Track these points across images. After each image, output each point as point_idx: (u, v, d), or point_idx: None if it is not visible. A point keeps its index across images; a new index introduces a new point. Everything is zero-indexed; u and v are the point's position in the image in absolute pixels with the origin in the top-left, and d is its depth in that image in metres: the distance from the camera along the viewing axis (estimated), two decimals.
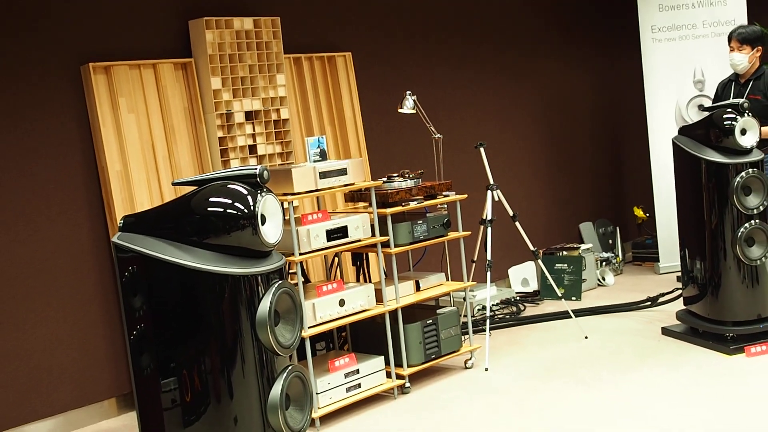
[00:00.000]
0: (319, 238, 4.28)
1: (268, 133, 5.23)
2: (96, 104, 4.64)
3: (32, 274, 4.51)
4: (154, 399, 2.71)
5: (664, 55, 6.89)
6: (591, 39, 7.63)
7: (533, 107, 7.14)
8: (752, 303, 4.77)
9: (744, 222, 4.70)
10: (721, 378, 4.34)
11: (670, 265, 6.94)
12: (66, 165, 4.64)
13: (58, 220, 4.61)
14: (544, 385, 4.53)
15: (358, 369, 4.45)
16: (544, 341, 5.40)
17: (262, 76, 5.19)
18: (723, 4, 6.81)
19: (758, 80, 5.36)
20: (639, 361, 4.78)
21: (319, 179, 4.33)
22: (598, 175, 7.69)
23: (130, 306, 2.70)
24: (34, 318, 4.51)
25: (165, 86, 4.92)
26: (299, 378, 2.78)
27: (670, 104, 6.80)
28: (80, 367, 4.67)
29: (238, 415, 2.64)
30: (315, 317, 4.24)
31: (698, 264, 4.94)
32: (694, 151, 4.85)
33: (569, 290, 6.45)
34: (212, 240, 2.68)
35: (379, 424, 4.21)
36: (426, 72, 6.34)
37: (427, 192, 4.84)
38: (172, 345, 2.66)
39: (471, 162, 6.09)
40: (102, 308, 4.75)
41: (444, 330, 4.78)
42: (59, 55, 4.63)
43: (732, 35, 5.37)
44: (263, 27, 5.18)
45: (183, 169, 4.95)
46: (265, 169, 2.78)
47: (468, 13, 6.64)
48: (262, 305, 2.66)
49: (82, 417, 4.67)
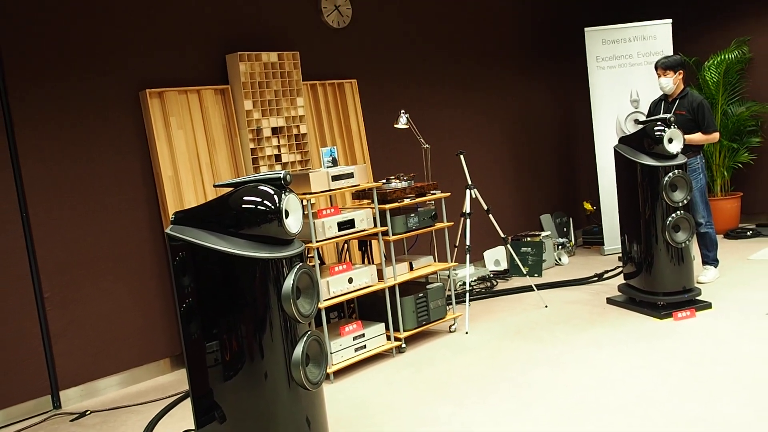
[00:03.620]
0: (332, 229, 4.28)
1: (290, 145, 5.22)
2: (152, 122, 4.63)
3: (103, 257, 4.52)
4: (200, 358, 2.71)
5: (606, 79, 6.89)
6: (550, 65, 7.62)
7: (503, 121, 7.14)
8: (678, 277, 4.78)
9: (671, 213, 4.71)
10: (654, 337, 4.35)
11: (612, 248, 6.95)
12: (128, 170, 4.64)
13: (123, 215, 4.61)
14: (512, 344, 4.54)
15: (364, 333, 4.46)
16: (512, 310, 5.40)
17: (285, 99, 5.18)
18: (653, 39, 6.82)
19: (683, 99, 5.36)
20: (588, 324, 4.79)
21: (331, 181, 4.33)
22: (554, 175, 7.69)
23: (181, 284, 2.70)
24: (104, 293, 4.52)
25: (207, 107, 4.92)
26: (316, 341, 2.78)
27: (611, 119, 6.79)
28: (141, 333, 4.68)
29: (268, 371, 2.64)
30: (329, 292, 4.24)
31: (635, 247, 4.94)
32: (632, 156, 4.85)
33: (532, 268, 6.46)
34: (246, 231, 2.68)
35: (381, 377, 4.22)
36: (416, 95, 6.33)
37: (418, 191, 4.84)
38: (214, 315, 2.66)
39: (453, 167, 6.09)
40: (158, 285, 4.76)
41: (432, 301, 4.79)
42: (124, 84, 4.62)
43: (658, 64, 5.37)
44: (286, 60, 5.18)
45: (222, 174, 4.94)
46: (288, 174, 2.77)
47: (450, 47, 6.63)
48: (286, 283, 2.66)
49: (143, 373, 4.69)
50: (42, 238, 4.29)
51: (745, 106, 7.30)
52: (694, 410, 3.25)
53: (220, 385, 2.68)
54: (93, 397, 4.45)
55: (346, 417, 3.66)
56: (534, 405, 3.53)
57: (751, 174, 7.53)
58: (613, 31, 6.86)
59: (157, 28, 4.77)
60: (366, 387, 4.08)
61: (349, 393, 4.01)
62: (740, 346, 4.04)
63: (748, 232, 7.02)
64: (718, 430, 3.03)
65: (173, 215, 2.79)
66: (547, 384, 3.79)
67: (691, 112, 5.28)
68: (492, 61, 7.03)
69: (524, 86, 7.37)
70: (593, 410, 3.38)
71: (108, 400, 4.39)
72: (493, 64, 7.04)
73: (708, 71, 7.25)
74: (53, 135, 4.35)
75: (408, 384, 4.05)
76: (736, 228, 7.21)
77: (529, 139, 7.41)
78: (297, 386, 2.68)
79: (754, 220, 7.56)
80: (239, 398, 2.65)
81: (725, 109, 7.31)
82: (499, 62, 7.10)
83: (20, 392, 4.20)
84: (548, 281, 6.13)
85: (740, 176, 7.55)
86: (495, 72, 7.06)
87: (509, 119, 7.20)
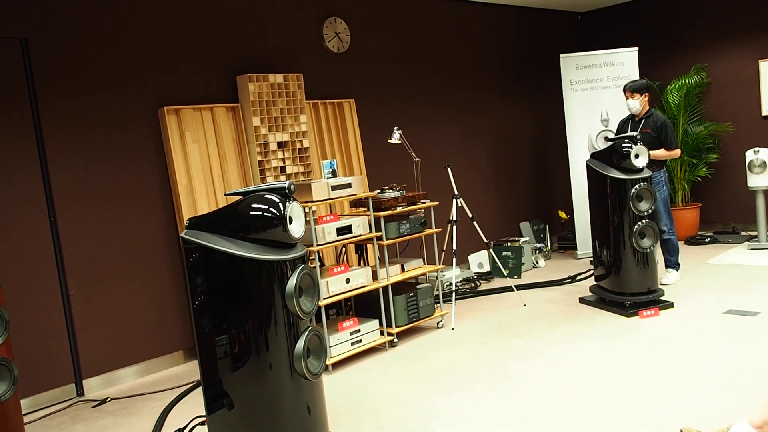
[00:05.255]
0: (331, 234, 4.27)
1: (294, 158, 5.21)
2: (169, 136, 4.62)
3: (123, 258, 4.49)
4: (211, 351, 2.70)
5: (579, 100, 6.90)
6: (529, 88, 7.64)
7: (486, 138, 7.14)
8: (644, 279, 4.78)
9: (637, 221, 4.71)
10: (622, 333, 4.35)
11: (585, 252, 6.95)
12: (147, 180, 4.62)
13: (142, 219, 4.59)
14: (493, 339, 4.53)
15: (360, 329, 4.44)
16: (494, 308, 5.39)
17: (289, 116, 5.17)
18: (622, 65, 6.84)
19: (648, 118, 5.37)
20: (562, 322, 4.78)
21: (331, 191, 4.32)
22: (532, 187, 7.70)
23: (194, 283, 2.69)
24: (124, 291, 4.49)
25: (219, 123, 4.90)
26: (317, 335, 2.77)
27: (583, 136, 6.81)
28: (157, 327, 4.65)
29: (273, 363, 2.62)
30: (328, 291, 4.23)
31: (605, 251, 4.94)
32: (602, 170, 4.86)
33: (512, 271, 6.46)
34: (253, 235, 2.67)
35: (375, 369, 4.20)
36: (408, 113, 6.33)
37: (409, 200, 4.83)
38: (224, 311, 2.65)
39: (441, 178, 6.09)
40: (173, 284, 4.73)
41: (422, 300, 4.77)
42: (144, 101, 4.61)
43: (625, 87, 5.39)
44: (291, 81, 5.17)
45: (232, 183, 4.93)
46: (292, 184, 2.76)
47: (438, 71, 6.64)
48: (290, 282, 2.65)
49: (158, 364, 4.65)
50: (68, 240, 4.26)
51: (703, 125, 7.33)
52: (660, 399, 3.25)
53: (229, 375, 2.66)
54: (113, 386, 4.42)
55: (343, 405, 3.64)
56: (514, 394, 3.52)
57: (708, 186, 7.57)
58: (586, 57, 6.89)
59: (175, 52, 4.76)
60: (362, 377, 4.06)
61: (347, 383, 3.99)
62: (700, 341, 4.04)
63: (706, 238, 7.04)
64: (681, 416, 3.03)
65: (187, 221, 2.77)
66: (525, 375, 3.78)
67: (656, 131, 5.30)
68: (476, 84, 7.04)
69: (505, 107, 7.38)
70: (567, 399, 3.38)
71: (126, 388, 4.36)
72: (478, 87, 7.06)
73: (670, 94, 7.28)
74: (80, 146, 4.33)
75: (400, 375, 4.03)
76: (695, 235, 7.23)
77: (510, 154, 7.42)
78: (299, 377, 2.67)
79: (711, 228, 7.59)
80: (246, 387, 2.64)
81: (686, 128, 7.34)
82: (482, 85, 7.11)
83: (47, 381, 4.17)
84: (527, 282, 6.13)
85: (699, 188, 7.58)
86: (479, 94, 7.07)
87: (492, 136, 7.21)
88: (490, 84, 7.20)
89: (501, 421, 3.22)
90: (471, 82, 6.98)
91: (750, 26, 7.15)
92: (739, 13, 7.21)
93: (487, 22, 7.16)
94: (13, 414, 3.06)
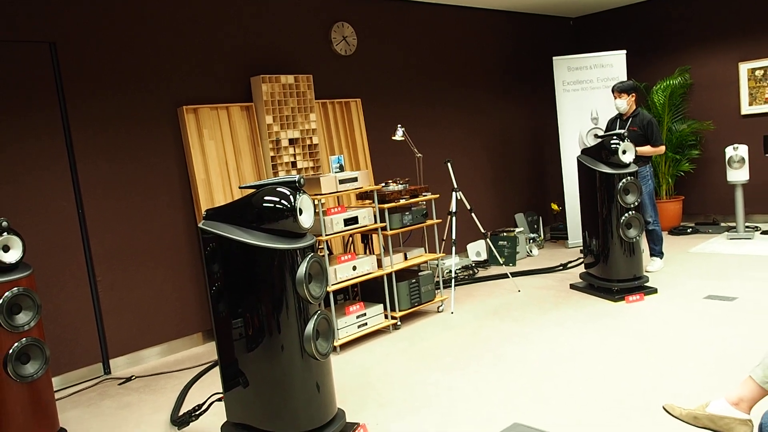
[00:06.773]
0: (339, 224, 4.26)
1: (304, 153, 5.20)
2: (187, 133, 4.61)
3: (146, 249, 4.49)
4: (228, 333, 2.70)
5: (570, 100, 6.86)
6: (524, 88, 7.60)
7: (484, 135, 7.11)
8: (630, 267, 4.76)
9: (624, 213, 4.69)
10: (609, 317, 4.33)
11: (575, 242, 6.93)
12: (167, 174, 4.62)
13: (163, 211, 4.58)
14: (490, 322, 4.52)
15: (365, 313, 4.44)
16: (491, 293, 5.39)
17: (300, 115, 5.15)
18: (610, 67, 6.80)
19: (635, 117, 5.34)
20: (554, 306, 4.77)
21: (338, 184, 4.31)
22: (527, 181, 7.67)
23: (211, 270, 2.69)
24: (147, 277, 4.50)
25: (234, 122, 4.89)
26: (325, 319, 2.76)
27: (575, 133, 6.77)
28: (178, 311, 4.66)
29: (284, 344, 2.62)
30: (336, 278, 4.22)
31: (594, 241, 4.92)
32: (592, 165, 4.83)
33: (508, 259, 6.44)
34: (266, 225, 2.66)
35: (380, 350, 4.20)
36: (411, 112, 6.31)
37: (412, 193, 4.82)
38: (239, 296, 2.64)
39: (441, 173, 6.08)
40: (192, 271, 4.74)
41: (423, 286, 4.77)
42: (163, 101, 4.60)
43: (614, 88, 5.35)
44: (301, 82, 5.15)
45: (246, 177, 4.92)
46: (302, 178, 2.75)
47: (440, 72, 6.61)
48: (300, 270, 2.64)
49: (179, 344, 4.67)
50: (95, 230, 4.27)
51: (686, 123, 7.28)
52: (644, 378, 3.24)
53: (244, 355, 2.67)
54: (137, 365, 4.43)
55: (350, 383, 3.64)
56: (509, 373, 3.51)
57: (691, 181, 7.53)
58: (577, 59, 6.84)
59: (193, 55, 4.74)
60: (367, 358, 4.06)
61: (353, 363, 3.99)
62: (682, 324, 4.03)
63: (688, 229, 7.01)
64: (663, 394, 3.02)
65: (205, 212, 2.77)
66: (519, 356, 3.77)
67: (642, 129, 5.26)
68: (475, 85, 7.01)
69: (502, 106, 7.34)
70: (559, 378, 3.37)
71: (150, 367, 4.37)
72: (476, 87, 7.02)
73: (656, 94, 7.23)
74: (105, 142, 4.32)
75: (403, 355, 4.03)
76: (678, 226, 7.20)
77: (506, 150, 7.38)
78: (309, 357, 2.66)
79: (693, 219, 7.56)
80: (260, 367, 2.64)
81: (670, 126, 7.29)
82: (481, 86, 7.07)
83: (76, 360, 4.18)
84: (521, 270, 6.11)
85: (682, 182, 7.54)
86: (478, 94, 7.03)
87: (489, 133, 7.18)
88: (488, 85, 7.16)
89: (498, 398, 3.21)
90: (470, 82, 6.94)
91: (730, 31, 7.09)
92: (720, 19, 7.15)
93: (486, 26, 7.11)
94: (45, 391, 3.07)
